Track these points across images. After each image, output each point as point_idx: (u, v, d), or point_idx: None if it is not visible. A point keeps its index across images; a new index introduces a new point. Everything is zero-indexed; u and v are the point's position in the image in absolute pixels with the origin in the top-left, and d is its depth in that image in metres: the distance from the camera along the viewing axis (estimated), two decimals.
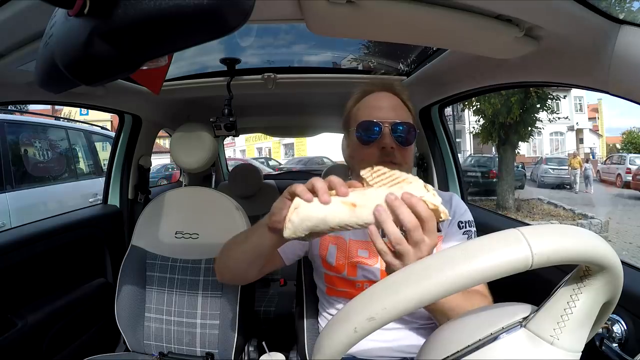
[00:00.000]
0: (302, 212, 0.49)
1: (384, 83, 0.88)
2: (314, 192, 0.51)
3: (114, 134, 1.70)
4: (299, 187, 0.52)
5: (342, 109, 0.93)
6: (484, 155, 13.31)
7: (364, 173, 0.54)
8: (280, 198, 0.60)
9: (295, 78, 1.43)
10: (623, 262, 0.43)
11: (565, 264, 0.33)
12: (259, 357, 0.88)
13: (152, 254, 1.20)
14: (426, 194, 0.49)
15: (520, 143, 9.24)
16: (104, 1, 0.28)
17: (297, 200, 0.51)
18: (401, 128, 0.80)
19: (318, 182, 0.51)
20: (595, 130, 21.89)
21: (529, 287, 0.66)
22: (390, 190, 0.49)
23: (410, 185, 0.50)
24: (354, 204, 0.48)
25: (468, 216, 0.87)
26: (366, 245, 0.87)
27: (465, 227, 0.84)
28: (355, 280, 0.85)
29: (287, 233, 0.50)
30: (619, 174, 12.21)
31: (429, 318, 0.83)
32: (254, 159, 18.03)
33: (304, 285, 1.03)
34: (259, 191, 2.20)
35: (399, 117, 0.81)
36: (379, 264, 0.84)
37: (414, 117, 0.88)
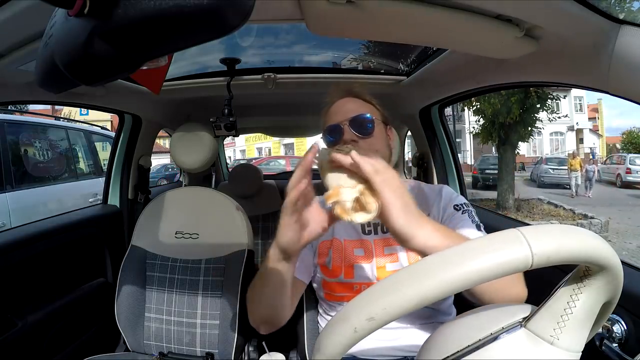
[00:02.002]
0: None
1: (345, 88, 0.92)
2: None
3: (114, 134, 1.70)
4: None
5: None
6: (494, 155, 13.29)
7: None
8: (283, 217, 0.60)
9: (295, 78, 1.43)
10: (623, 262, 0.43)
11: (565, 264, 0.33)
12: (259, 357, 0.88)
13: (152, 254, 1.20)
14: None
15: (520, 143, 9.23)
16: (104, 1, 0.28)
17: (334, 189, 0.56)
18: (356, 120, 0.83)
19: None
20: (595, 130, 21.91)
21: (529, 287, 0.66)
22: None
23: None
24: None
25: (461, 200, 0.87)
26: (361, 244, 0.87)
27: (463, 208, 0.84)
28: (352, 282, 0.86)
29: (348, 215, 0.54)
30: (618, 174, 12.22)
31: (429, 317, 0.84)
32: (253, 159, 18.05)
33: None
34: (259, 191, 2.20)
35: (357, 113, 0.84)
36: (374, 263, 0.85)
37: (382, 111, 0.91)
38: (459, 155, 1.68)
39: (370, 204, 0.53)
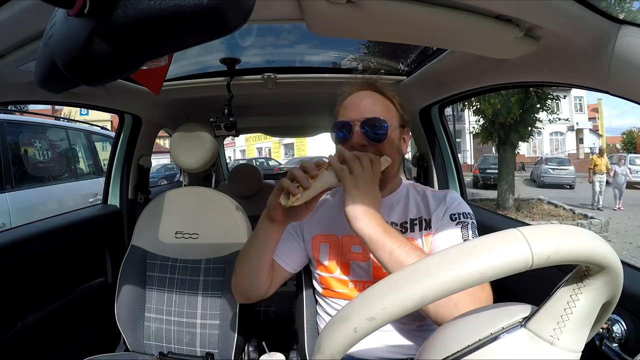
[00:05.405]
0: (302, 197, 0.69)
1: (366, 81, 0.87)
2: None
3: (114, 134, 1.70)
4: (290, 187, 0.68)
5: None
6: (494, 155, 13.24)
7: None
8: (273, 196, 0.73)
9: (295, 78, 1.43)
10: (623, 262, 0.43)
11: (565, 264, 0.33)
12: (259, 357, 0.88)
13: (152, 254, 1.20)
14: None
15: (520, 143, 9.22)
16: (104, 1, 0.28)
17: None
18: (369, 124, 0.79)
19: (297, 173, 0.70)
20: (595, 130, 21.93)
21: (529, 287, 0.66)
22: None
23: None
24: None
25: (463, 209, 0.84)
26: (359, 240, 0.87)
27: (459, 219, 0.81)
28: (348, 279, 0.86)
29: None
30: None
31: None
32: (253, 159, 18.07)
33: (303, 285, 1.03)
34: (259, 191, 2.20)
35: (372, 114, 0.80)
36: (371, 261, 0.84)
37: (401, 113, 0.87)
38: (459, 155, 1.68)
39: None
